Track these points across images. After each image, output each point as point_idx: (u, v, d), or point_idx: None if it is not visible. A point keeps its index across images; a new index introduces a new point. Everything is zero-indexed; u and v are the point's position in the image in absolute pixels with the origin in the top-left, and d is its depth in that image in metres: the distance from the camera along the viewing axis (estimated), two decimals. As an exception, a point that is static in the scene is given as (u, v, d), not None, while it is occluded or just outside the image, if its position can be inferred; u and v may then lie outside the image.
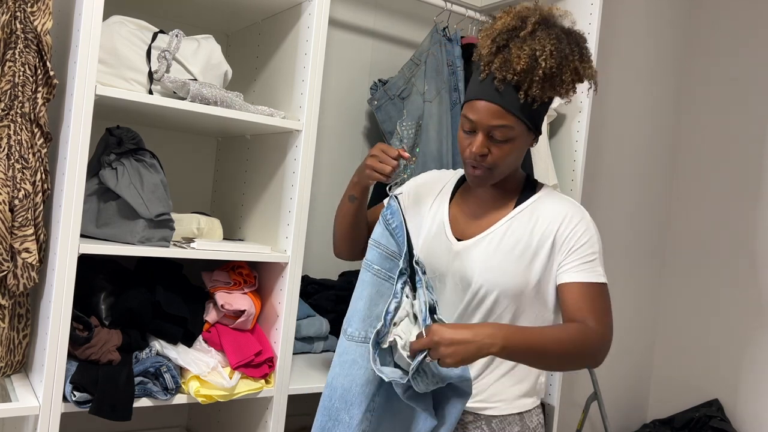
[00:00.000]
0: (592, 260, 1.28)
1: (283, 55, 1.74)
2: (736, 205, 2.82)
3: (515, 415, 1.35)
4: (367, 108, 2.26)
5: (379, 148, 1.34)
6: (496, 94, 1.24)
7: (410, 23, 2.35)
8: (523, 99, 1.23)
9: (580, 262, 1.28)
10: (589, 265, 1.28)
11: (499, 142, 1.26)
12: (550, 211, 1.32)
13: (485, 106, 1.25)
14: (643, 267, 3.03)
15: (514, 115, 1.24)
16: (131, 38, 1.48)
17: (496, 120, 1.24)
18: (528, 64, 1.20)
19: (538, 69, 1.20)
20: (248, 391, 1.56)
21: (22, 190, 1.35)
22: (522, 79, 1.22)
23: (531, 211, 1.33)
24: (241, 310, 1.60)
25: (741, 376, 2.75)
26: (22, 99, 1.36)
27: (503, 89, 1.23)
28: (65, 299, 1.34)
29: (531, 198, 1.35)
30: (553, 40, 1.22)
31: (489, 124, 1.25)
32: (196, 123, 1.72)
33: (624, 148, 2.90)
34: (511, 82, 1.22)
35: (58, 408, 1.35)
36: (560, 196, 1.38)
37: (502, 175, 1.32)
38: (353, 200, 1.42)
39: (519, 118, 1.24)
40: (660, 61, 2.99)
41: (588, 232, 1.30)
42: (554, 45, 1.22)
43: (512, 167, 1.33)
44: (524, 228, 1.31)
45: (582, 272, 1.27)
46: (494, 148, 1.27)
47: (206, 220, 1.67)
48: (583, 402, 2.65)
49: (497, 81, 1.23)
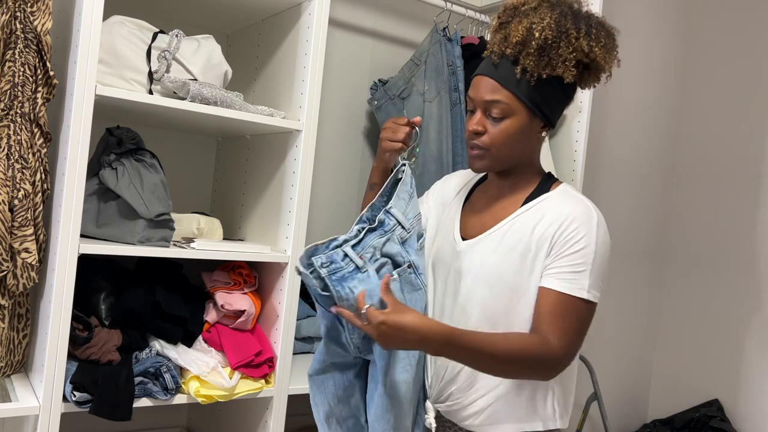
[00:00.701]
0: (580, 271, 1.17)
1: (283, 55, 1.74)
2: (736, 205, 2.82)
3: None
4: (367, 108, 2.26)
5: (390, 120, 1.34)
6: (493, 68, 1.21)
7: (410, 23, 2.35)
8: (520, 74, 1.19)
9: (565, 269, 1.18)
10: (574, 275, 1.17)
11: (496, 120, 1.21)
12: (555, 211, 1.22)
13: (481, 80, 1.23)
14: (643, 267, 3.03)
15: (509, 90, 1.20)
16: (131, 38, 1.48)
17: (490, 94, 1.21)
18: (524, 36, 1.18)
19: (533, 40, 1.17)
20: (248, 391, 1.56)
21: (21, 190, 1.35)
22: (517, 51, 1.18)
23: (537, 210, 1.24)
24: (241, 310, 1.60)
25: (741, 376, 2.75)
26: (21, 99, 1.36)
27: (499, 63, 1.21)
28: (65, 299, 1.34)
29: (541, 196, 1.26)
30: (555, 14, 1.19)
31: (484, 99, 1.21)
32: (196, 123, 1.72)
33: (624, 148, 2.90)
34: (509, 58, 1.20)
35: (58, 408, 1.35)
36: (575, 196, 1.26)
37: (503, 161, 1.26)
38: (373, 187, 1.39)
39: (515, 95, 1.20)
40: (660, 61, 2.99)
41: (586, 240, 1.18)
42: (555, 19, 1.18)
43: (514, 154, 1.25)
44: (527, 227, 1.22)
45: (563, 281, 1.18)
46: (491, 126, 1.22)
47: (206, 220, 1.67)
48: (583, 402, 2.65)
49: (494, 56, 1.22)
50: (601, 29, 1.21)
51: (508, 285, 1.22)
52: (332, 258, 1.18)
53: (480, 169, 1.27)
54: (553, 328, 1.15)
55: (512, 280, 1.22)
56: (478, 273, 1.25)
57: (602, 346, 2.92)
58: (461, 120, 2.02)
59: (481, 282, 1.24)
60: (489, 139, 1.23)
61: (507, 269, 1.22)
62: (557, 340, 1.15)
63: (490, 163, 1.26)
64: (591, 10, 1.24)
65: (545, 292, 1.19)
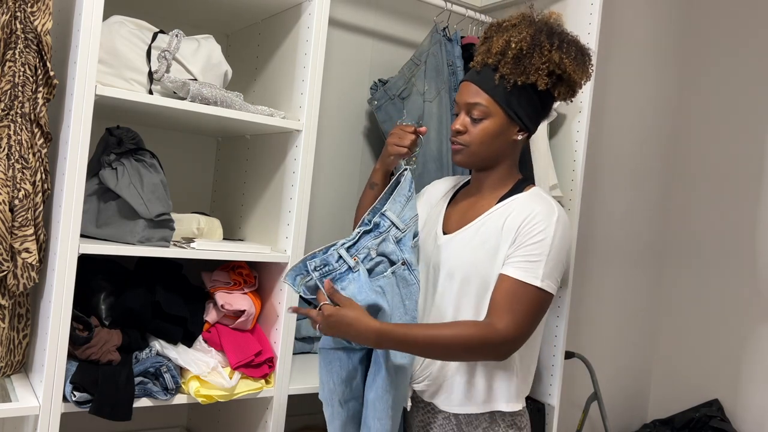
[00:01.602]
0: (536, 261, 1.29)
1: (283, 55, 1.74)
2: (736, 204, 2.82)
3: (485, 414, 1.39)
4: (367, 108, 2.26)
5: (397, 127, 1.48)
6: (475, 75, 1.38)
7: (410, 23, 2.35)
8: (498, 80, 1.34)
9: (522, 259, 1.30)
10: (530, 264, 1.29)
11: (476, 120, 1.36)
12: (522, 208, 1.35)
13: (465, 85, 1.39)
14: (643, 267, 3.03)
15: (488, 93, 1.35)
16: (131, 38, 1.48)
17: (472, 98, 1.37)
18: (503, 47, 1.34)
19: (509, 50, 1.33)
20: (248, 391, 1.56)
21: (22, 190, 1.35)
22: (497, 60, 1.34)
23: (508, 207, 1.37)
24: (241, 310, 1.60)
25: (741, 376, 2.75)
26: (22, 99, 1.36)
27: (481, 71, 1.37)
28: (65, 299, 1.34)
29: (513, 196, 1.40)
30: (532, 30, 1.34)
31: (466, 101, 1.37)
32: (196, 123, 1.72)
33: (624, 148, 2.90)
34: (490, 66, 1.36)
35: (58, 408, 1.35)
36: (542, 197, 1.39)
37: (480, 158, 1.39)
38: (374, 187, 1.51)
39: (493, 98, 1.35)
40: (660, 61, 2.99)
41: (545, 233, 1.30)
42: (531, 33, 1.34)
43: (491, 151, 1.39)
44: (497, 223, 1.36)
45: (519, 269, 1.29)
46: (471, 126, 1.37)
47: (206, 220, 1.67)
48: (583, 402, 2.64)
49: (477, 64, 1.38)
50: (573, 45, 1.37)
51: (481, 277, 1.34)
52: (327, 260, 1.31)
53: (459, 162, 1.42)
54: (503, 311, 1.27)
55: (483, 272, 1.34)
56: (453, 265, 1.38)
57: (602, 346, 2.92)
58: (461, 120, 2.02)
59: (455, 275, 1.37)
60: (469, 138, 1.38)
61: (480, 261, 1.35)
62: (503, 323, 1.26)
63: (467, 158, 1.40)
64: (567, 30, 1.40)
65: (502, 278, 1.31)
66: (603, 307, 2.92)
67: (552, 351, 1.98)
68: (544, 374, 1.98)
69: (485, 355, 1.30)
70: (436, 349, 1.27)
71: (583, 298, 2.83)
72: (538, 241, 1.30)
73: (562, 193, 1.99)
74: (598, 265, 2.86)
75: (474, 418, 1.39)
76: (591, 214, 2.78)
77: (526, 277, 1.28)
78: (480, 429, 1.38)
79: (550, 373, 1.98)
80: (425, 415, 1.46)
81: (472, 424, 1.39)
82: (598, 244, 2.85)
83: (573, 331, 2.73)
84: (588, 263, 2.81)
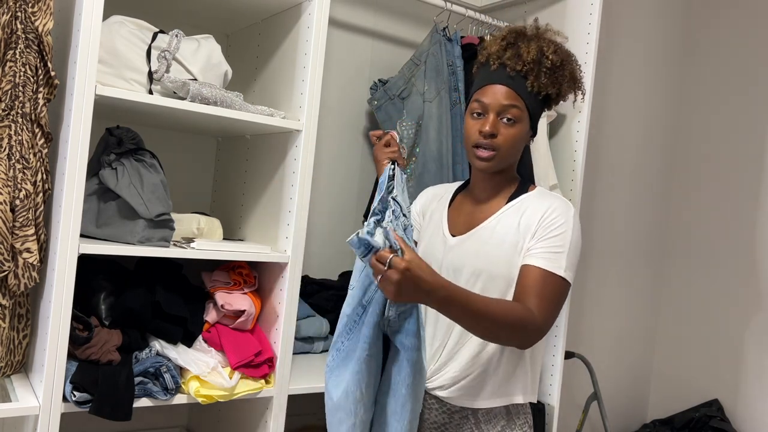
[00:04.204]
0: (559, 252, 1.32)
1: (283, 55, 1.74)
2: (736, 205, 2.82)
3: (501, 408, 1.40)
4: (367, 108, 2.26)
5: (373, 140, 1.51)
6: (510, 79, 1.38)
7: (410, 23, 2.35)
8: (530, 87, 1.37)
9: (546, 250, 1.33)
10: (554, 255, 1.32)
11: (508, 124, 1.37)
12: (536, 204, 1.39)
13: (499, 89, 1.38)
14: (643, 267, 3.03)
15: (523, 99, 1.37)
16: (131, 38, 1.48)
17: (508, 100, 1.37)
18: (536, 56, 1.37)
19: (546, 60, 1.36)
20: (248, 391, 1.56)
21: (23, 191, 1.35)
22: (531, 69, 1.36)
23: (519, 206, 1.40)
24: (241, 310, 1.60)
25: (741, 376, 2.75)
26: (23, 99, 1.36)
27: (514, 76, 1.38)
28: (65, 299, 1.34)
29: (522, 196, 1.43)
30: (553, 42, 1.40)
31: (502, 104, 1.37)
32: (196, 123, 1.72)
33: (624, 148, 2.90)
34: (520, 72, 1.37)
35: (58, 408, 1.35)
36: (551, 194, 1.43)
37: (504, 163, 1.40)
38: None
39: (526, 104, 1.37)
40: (660, 61, 2.99)
41: (564, 227, 1.34)
42: (557, 45, 1.40)
43: (513, 157, 1.41)
44: (512, 221, 1.38)
45: (545, 260, 1.32)
46: (503, 128, 1.37)
47: (206, 220, 1.67)
48: (583, 402, 2.65)
49: (509, 69, 1.38)
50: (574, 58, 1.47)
51: (505, 273, 1.36)
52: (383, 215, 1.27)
53: (487, 168, 1.40)
54: (536, 300, 1.28)
55: (507, 269, 1.36)
56: (474, 265, 1.39)
57: (602, 346, 2.92)
58: (461, 120, 2.02)
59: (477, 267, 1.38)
60: (502, 141, 1.37)
61: (501, 259, 1.37)
62: (537, 310, 1.27)
63: (497, 163, 1.39)
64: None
65: (528, 269, 1.33)
66: (603, 307, 2.92)
67: (552, 351, 1.98)
68: (544, 374, 1.99)
69: (521, 338, 1.27)
70: (486, 320, 1.22)
71: (583, 298, 2.83)
72: (560, 234, 1.33)
73: (562, 193, 1.99)
74: (598, 265, 2.86)
75: (493, 416, 1.39)
76: (591, 214, 2.79)
77: (552, 267, 1.31)
78: (498, 427, 1.39)
79: (550, 373, 1.98)
80: (440, 416, 1.45)
81: (491, 422, 1.39)
82: (598, 244, 2.85)
83: (573, 331, 2.73)
84: (588, 263, 2.81)
